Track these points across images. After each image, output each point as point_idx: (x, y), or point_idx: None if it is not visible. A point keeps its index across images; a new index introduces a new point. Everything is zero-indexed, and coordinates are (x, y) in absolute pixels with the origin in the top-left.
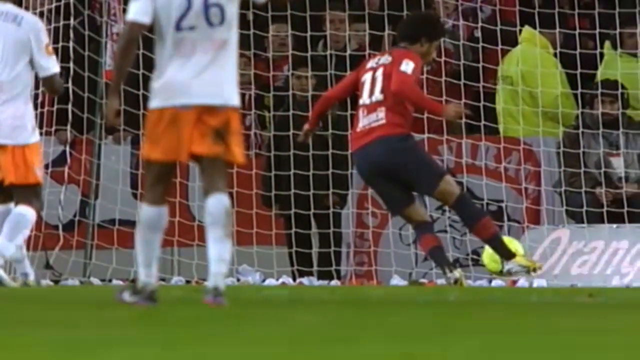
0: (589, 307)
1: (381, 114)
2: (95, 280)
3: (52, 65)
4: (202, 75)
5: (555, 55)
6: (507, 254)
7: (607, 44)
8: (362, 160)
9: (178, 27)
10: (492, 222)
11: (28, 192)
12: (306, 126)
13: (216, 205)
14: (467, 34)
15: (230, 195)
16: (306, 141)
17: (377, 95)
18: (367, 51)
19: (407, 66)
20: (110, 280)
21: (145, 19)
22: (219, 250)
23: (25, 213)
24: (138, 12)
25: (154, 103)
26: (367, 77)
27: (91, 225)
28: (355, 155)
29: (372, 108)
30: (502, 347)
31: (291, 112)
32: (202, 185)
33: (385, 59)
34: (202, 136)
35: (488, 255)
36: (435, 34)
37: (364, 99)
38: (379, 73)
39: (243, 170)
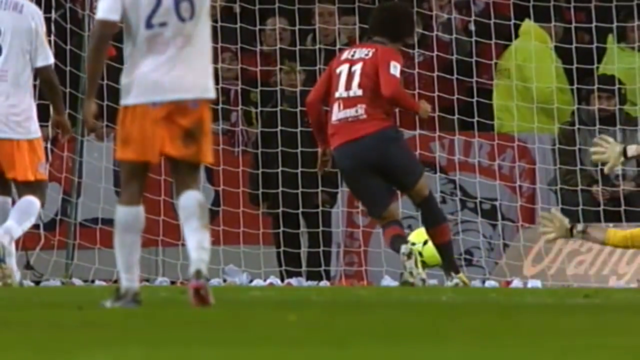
0: (585, 309)
1: (361, 109)
2: (77, 281)
3: (50, 55)
4: (175, 71)
5: (554, 49)
6: (454, 267)
7: (611, 37)
8: (349, 155)
9: (148, 25)
10: (450, 230)
11: (33, 188)
12: (320, 149)
13: (188, 200)
14: (461, 28)
15: (217, 193)
16: (328, 166)
17: (356, 91)
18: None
19: (396, 69)
20: (92, 281)
21: (115, 17)
22: (197, 239)
23: (34, 201)
24: (106, 10)
25: (125, 100)
26: (343, 69)
27: (73, 224)
28: (340, 150)
29: (350, 103)
30: (495, 350)
31: (279, 107)
32: (174, 184)
33: (365, 53)
34: (173, 138)
35: (429, 249)
36: (414, 32)
37: (340, 92)
38: (358, 67)
39: (229, 168)
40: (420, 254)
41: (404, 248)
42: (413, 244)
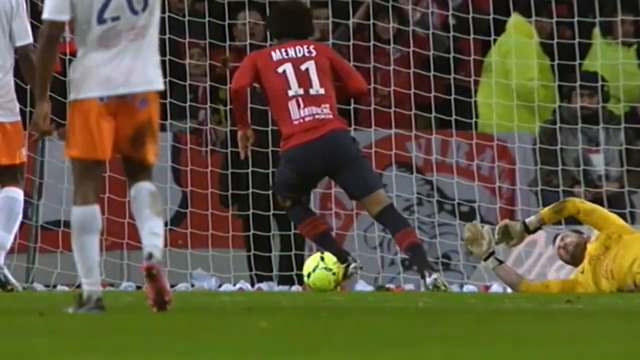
0: (567, 314)
1: (326, 109)
2: (39, 286)
3: (30, 34)
4: (124, 65)
5: (541, 44)
6: (428, 266)
7: (595, 32)
8: (313, 152)
9: (100, 20)
10: (414, 233)
11: (15, 171)
12: (241, 132)
13: (139, 191)
14: (439, 23)
15: (184, 194)
16: (249, 147)
17: (318, 89)
18: (331, 40)
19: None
20: (54, 286)
21: (63, 17)
22: (149, 225)
23: (17, 196)
24: (54, 10)
25: (73, 95)
26: (286, 68)
27: (34, 227)
28: (304, 147)
29: (313, 101)
30: (473, 357)
31: (249, 105)
32: (127, 180)
33: (306, 51)
34: (122, 141)
35: (320, 275)
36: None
37: (295, 90)
38: (310, 65)
39: (197, 168)
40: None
41: (352, 268)
42: (302, 274)
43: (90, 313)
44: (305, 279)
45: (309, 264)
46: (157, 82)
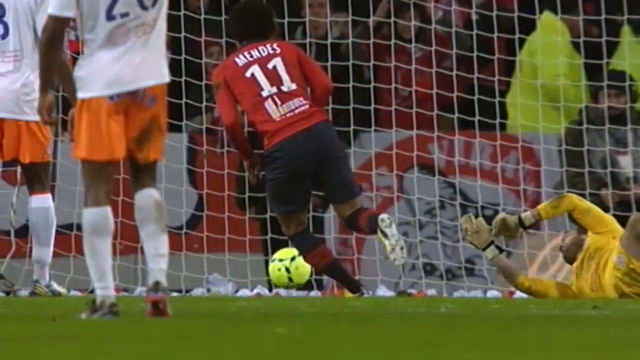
0: (593, 321)
1: (303, 101)
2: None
3: None
4: (134, 61)
5: (571, 43)
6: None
7: (625, 30)
8: (302, 145)
9: (109, 16)
10: (374, 209)
11: (39, 171)
12: (248, 163)
13: (145, 199)
14: (462, 21)
15: (200, 197)
16: (259, 172)
17: (290, 85)
18: (351, 39)
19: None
20: (67, 291)
21: (68, 13)
22: (154, 245)
23: (48, 204)
24: (59, 6)
25: (82, 94)
26: (254, 70)
27: None
28: (291, 140)
29: (288, 96)
30: None
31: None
32: (130, 183)
33: (271, 49)
34: (128, 140)
35: (299, 266)
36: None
37: (268, 89)
38: (277, 62)
39: (214, 170)
40: (288, 269)
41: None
42: (280, 260)
43: (104, 319)
44: (288, 262)
45: (290, 250)
46: (165, 75)
